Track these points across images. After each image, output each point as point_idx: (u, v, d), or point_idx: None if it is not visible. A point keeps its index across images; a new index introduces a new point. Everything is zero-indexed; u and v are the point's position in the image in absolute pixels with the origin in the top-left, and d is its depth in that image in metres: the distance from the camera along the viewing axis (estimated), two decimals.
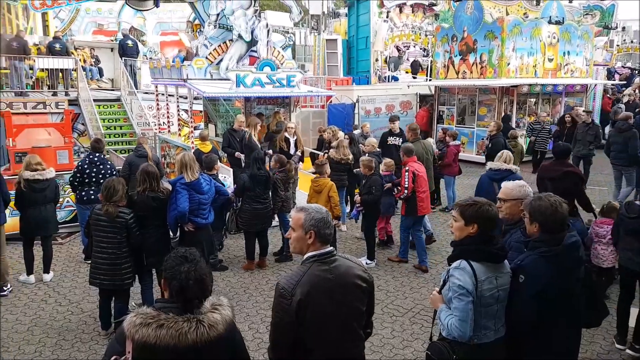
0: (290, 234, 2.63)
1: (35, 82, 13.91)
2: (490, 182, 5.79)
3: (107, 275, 4.96)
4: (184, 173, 5.64)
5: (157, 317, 2.06)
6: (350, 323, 2.58)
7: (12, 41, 12.94)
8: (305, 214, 2.57)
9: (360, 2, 22.28)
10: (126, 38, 16.74)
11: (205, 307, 2.16)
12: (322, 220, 2.55)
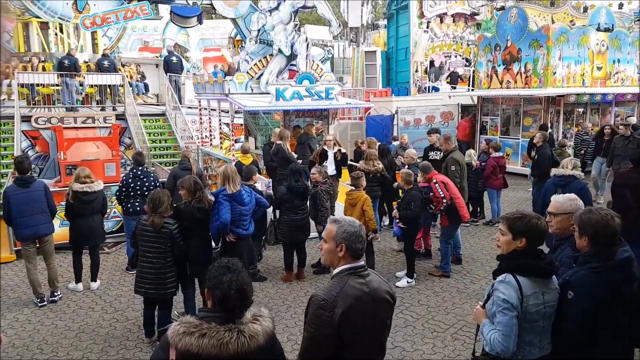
0: (322, 245, 2.63)
1: (84, 97, 14.56)
2: (555, 188, 5.66)
3: (152, 284, 5.07)
4: (226, 185, 5.74)
5: (200, 326, 2.09)
6: (379, 337, 2.59)
7: (63, 59, 13.63)
8: (337, 227, 2.57)
9: (400, 13, 22.26)
10: (171, 54, 17.32)
11: (246, 317, 2.18)
12: (353, 234, 2.53)
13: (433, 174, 6.94)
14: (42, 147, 11.38)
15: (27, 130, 11.38)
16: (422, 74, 21.29)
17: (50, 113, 12.32)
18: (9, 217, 6.16)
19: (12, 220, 6.16)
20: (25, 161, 6.35)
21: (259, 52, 10.12)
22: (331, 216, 2.62)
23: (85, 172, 6.56)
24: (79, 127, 11.33)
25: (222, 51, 22.09)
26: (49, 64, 14.64)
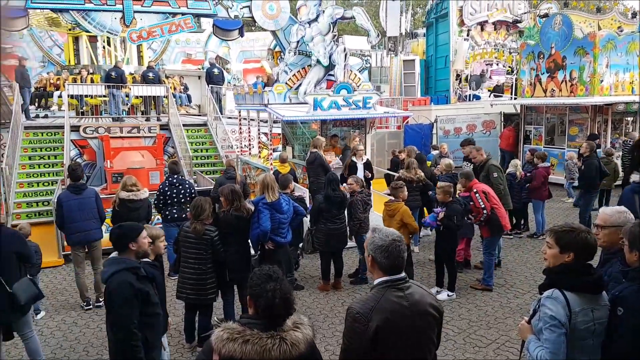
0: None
1: (130, 108, 15.10)
2: (632, 195, 5.44)
3: (193, 290, 5.17)
4: (265, 193, 5.81)
5: (243, 332, 2.11)
6: (422, 352, 2.51)
7: (111, 71, 14.19)
8: (371, 237, 2.56)
9: (439, 21, 22.08)
10: (213, 66, 17.75)
11: (287, 325, 2.20)
12: (380, 247, 2.49)
13: (474, 183, 6.81)
14: (90, 156, 11.86)
15: (76, 139, 11.88)
16: (463, 82, 20.98)
17: (98, 123, 12.84)
18: (61, 223, 6.44)
19: (64, 226, 6.42)
20: (78, 169, 6.63)
21: (298, 63, 10.24)
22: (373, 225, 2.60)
23: (131, 181, 6.78)
24: (124, 136, 11.73)
25: (262, 62, 22.47)
26: (97, 76, 15.29)
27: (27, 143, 12.11)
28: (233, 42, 20.22)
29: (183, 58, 23.71)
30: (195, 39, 23.20)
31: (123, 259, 3.52)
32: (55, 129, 12.64)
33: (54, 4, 8.74)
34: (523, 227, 9.59)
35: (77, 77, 15.09)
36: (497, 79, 21.21)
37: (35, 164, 11.77)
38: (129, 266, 3.45)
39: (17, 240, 4.66)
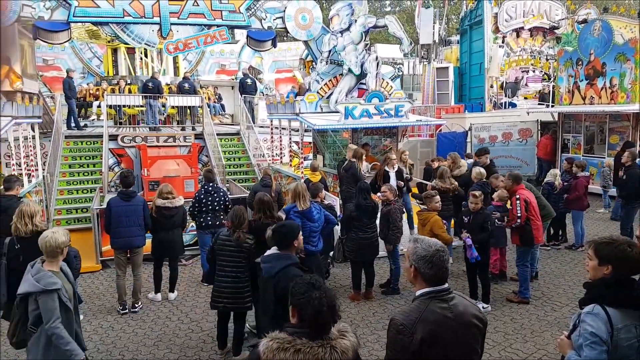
0: (404, 264, 2.59)
1: (166, 117, 15.48)
2: None
3: (229, 299, 5.19)
4: (296, 202, 5.83)
5: (293, 342, 2.12)
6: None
7: (148, 82, 14.60)
8: (413, 247, 2.52)
9: (473, 29, 21.81)
10: (246, 77, 18.04)
11: (333, 333, 2.20)
12: (424, 258, 2.45)
13: (519, 188, 6.61)
14: (127, 164, 12.19)
15: (114, 148, 12.25)
16: (498, 89, 20.61)
17: (135, 132, 13.21)
18: (108, 226, 6.68)
19: (111, 230, 6.65)
20: (130, 176, 6.90)
21: (329, 72, 10.30)
22: (413, 234, 2.58)
23: (167, 189, 6.94)
24: (161, 145, 12.02)
25: (294, 72, 22.69)
26: (135, 86, 15.76)
27: (68, 152, 12.58)
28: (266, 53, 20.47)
29: (217, 69, 24.17)
30: (229, 50, 23.63)
31: (288, 255, 3.84)
32: (94, 138, 13.09)
33: (94, 18, 9.07)
34: (561, 238, 9.29)
35: (116, 88, 15.59)
36: (534, 86, 20.73)
37: (75, 172, 12.20)
38: (294, 262, 3.79)
39: None
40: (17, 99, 8.86)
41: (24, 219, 4.53)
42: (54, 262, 3.84)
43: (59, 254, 3.84)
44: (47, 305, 3.62)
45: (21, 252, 4.48)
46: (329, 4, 32.57)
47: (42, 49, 18.35)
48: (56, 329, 3.62)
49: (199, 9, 9.36)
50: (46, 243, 3.77)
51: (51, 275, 3.72)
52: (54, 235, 3.80)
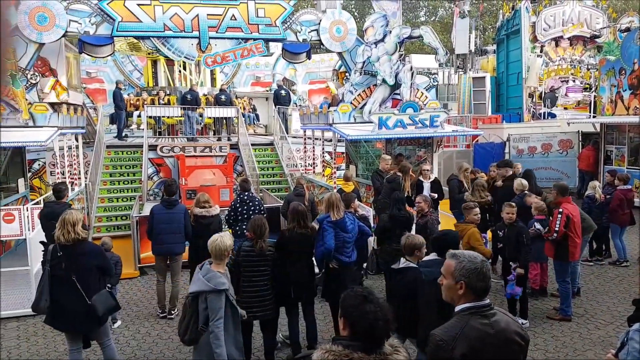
0: (441, 280, 2.53)
1: (202, 128, 15.84)
2: None
3: (257, 307, 5.22)
4: (330, 212, 5.82)
5: (350, 355, 2.10)
6: None
7: (186, 94, 15.01)
8: (456, 262, 2.46)
9: (510, 38, 21.45)
10: (280, 88, 18.28)
11: (387, 347, 2.18)
12: (474, 271, 2.40)
13: (565, 201, 6.38)
14: (165, 173, 12.52)
15: (153, 157, 12.60)
16: (537, 99, 20.14)
17: (173, 142, 13.56)
18: (150, 232, 6.86)
19: (153, 236, 6.84)
20: (173, 185, 7.10)
21: (363, 82, 10.32)
22: (450, 250, 2.52)
23: (204, 197, 7.07)
24: (198, 155, 12.29)
25: (328, 83, 22.81)
26: (173, 97, 16.23)
27: (109, 161, 13.01)
28: (299, 64, 20.70)
29: (252, 81, 24.57)
30: (264, 62, 24.00)
31: None
32: (134, 148, 13.50)
33: (136, 32, 9.41)
34: (605, 254, 8.94)
35: (155, 98, 16.08)
36: (575, 96, 20.15)
37: (115, 181, 12.60)
38: None
39: (98, 254, 4.94)
40: (62, 110, 9.24)
41: (67, 227, 4.64)
42: (221, 264, 4.14)
43: (225, 256, 4.16)
44: (214, 304, 3.90)
45: (63, 259, 4.60)
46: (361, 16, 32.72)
47: (86, 62, 19.08)
48: (216, 328, 3.87)
49: (236, 23, 9.57)
50: (215, 246, 4.12)
51: (220, 276, 4.01)
52: (221, 239, 4.17)
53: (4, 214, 8.26)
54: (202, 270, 4.05)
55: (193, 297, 4.02)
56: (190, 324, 4.03)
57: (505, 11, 22.58)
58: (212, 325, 3.89)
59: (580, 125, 15.72)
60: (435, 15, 42.22)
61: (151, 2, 9.10)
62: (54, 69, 10.33)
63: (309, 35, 10.15)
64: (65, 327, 4.82)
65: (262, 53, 10.60)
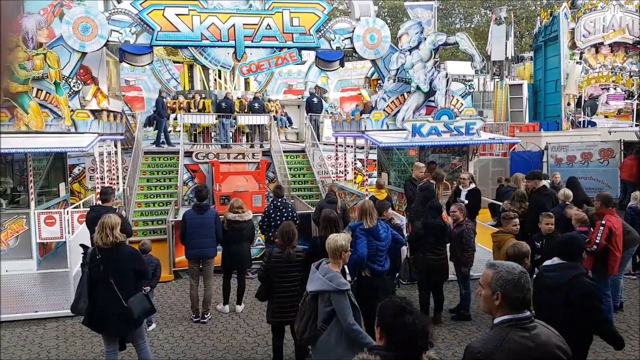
0: (480, 291, 2.47)
1: (236, 134, 16.09)
2: None
3: (290, 312, 5.21)
4: (363, 219, 5.79)
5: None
6: None
7: (221, 102, 15.30)
8: (493, 272, 2.39)
9: (548, 45, 20.97)
10: (312, 96, 18.40)
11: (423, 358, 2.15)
12: (511, 281, 2.32)
13: (608, 213, 6.17)
14: (200, 179, 12.74)
15: (188, 164, 12.86)
16: (576, 107, 19.58)
17: (208, 149, 13.80)
18: (183, 237, 7.01)
19: (185, 241, 6.98)
20: (204, 190, 7.26)
21: (397, 89, 10.25)
22: (490, 260, 2.47)
23: (238, 203, 7.17)
24: (231, 162, 12.46)
25: (360, 90, 22.81)
26: (208, 100, 16.61)
27: (146, 167, 13.34)
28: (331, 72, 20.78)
29: (285, 89, 24.81)
30: (296, 70, 24.20)
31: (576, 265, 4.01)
32: (170, 154, 13.81)
33: (175, 42, 9.64)
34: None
35: (191, 101, 16.44)
36: (616, 104, 19.48)
37: (152, 186, 12.90)
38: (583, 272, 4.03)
39: (136, 257, 5.04)
40: (103, 117, 9.53)
41: (105, 231, 4.74)
42: (337, 264, 4.18)
43: (339, 256, 4.20)
44: (342, 304, 3.89)
45: (102, 262, 4.70)
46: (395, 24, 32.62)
47: (125, 70, 19.69)
48: (354, 326, 3.87)
49: (271, 32, 9.69)
50: (330, 245, 4.20)
51: (341, 276, 4.05)
52: (335, 239, 4.24)
53: (46, 217, 8.57)
54: (321, 270, 4.06)
55: (312, 296, 4.04)
56: (309, 323, 4.06)
57: (543, 17, 22.12)
58: (349, 325, 3.84)
59: (622, 133, 15.17)
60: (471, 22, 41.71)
61: (189, 12, 9.32)
62: (96, 77, 10.68)
63: (342, 43, 10.17)
64: (102, 329, 4.92)
65: (296, 61, 10.68)
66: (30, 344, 6.25)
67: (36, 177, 9.07)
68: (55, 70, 8.53)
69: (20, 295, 7.59)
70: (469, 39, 10.07)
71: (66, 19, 9.01)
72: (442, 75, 9.79)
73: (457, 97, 10.34)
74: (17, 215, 8.61)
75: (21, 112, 8.37)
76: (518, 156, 14.59)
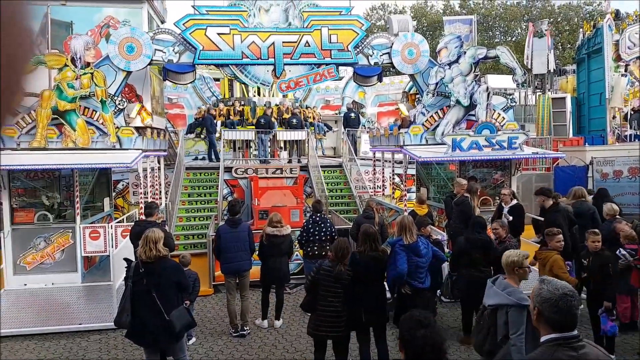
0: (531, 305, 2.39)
1: (273, 150, 16.29)
2: None
3: (330, 326, 5.20)
4: (402, 235, 5.71)
5: None
6: None
7: (260, 118, 15.54)
8: (538, 287, 2.35)
9: (592, 57, 20.35)
10: (350, 111, 18.47)
11: None
12: (549, 300, 2.24)
13: None
14: (239, 194, 12.93)
15: (228, 179, 13.08)
16: (622, 120, 18.83)
17: (247, 165, 14.01)
18: (218, 252, 7.10)
19: (221, 255, 7.07)
20: (237, 205, 7.40)
21: (436, 104, 10.14)
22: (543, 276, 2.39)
23: (277, 218, 7.23)
24: (269, 177, 12.60)
25: (398, 105, 22.73)
26: (247, 107, 16.96)
27: (187, 182, 13.65)
28: (368, 87, 20.80)
29: (322, 104, 25.00)
30: (333, 86, 24.36)
31: None
32: (211, 169, 14.10)
33: (217, 60, 9.89)
34: None
35: (230, 108, 16.76)
36: None
37: (193, 201, 13.17)
38: None
39: (178, 271, 5.13)
40: (147, 133, 9.82)
41: (149, 245, 4.84)
42: (512, 278, 4.21)
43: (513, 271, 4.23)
44: (516, 318, 3.95)
45: (145, 275, 4.80)
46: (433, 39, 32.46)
47: (167, 88, 20.34)
48: (519, 342, 3.90)
49: (310, 49, 9.80)
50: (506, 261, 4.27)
51: (521, 292, 4.10)
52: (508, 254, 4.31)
53: (91, 231, 8.83)
54: (499, 284, 4.11)
55: (492, 310, 4.09)
56: (489, 337, 4.10)
57: (585, 30, 21.51)
58: (514, 339, 3.88)
59: None
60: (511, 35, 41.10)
61: (230, 32, 9.55)
62: (140, 95, 11.05)
63: (380, 58, 10.16)
64: (145, 342, 5.00)
65: (334, 78, 10.74)
66: (74, 356, 6.43)
67: (82, 192, 9.36)
68: (101, 88, 8.83)
69: (66, 308, 7.80)
70: (509, 52, 9.89)
71: (112, 39, 9.34)
72: (483, 89, 9.62)
73: (499, 110, 10.13)
74: (63, 229, 8.89)
75: (69, 129, 8.66)
76: (562, 171, 14.12)
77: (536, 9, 40.35)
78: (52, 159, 8.24)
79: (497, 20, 40.75)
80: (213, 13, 9.59)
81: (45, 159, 8.23)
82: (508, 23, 40.16)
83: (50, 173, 8.86)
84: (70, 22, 10.85)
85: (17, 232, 8.65)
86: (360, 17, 10.27)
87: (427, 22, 40.82)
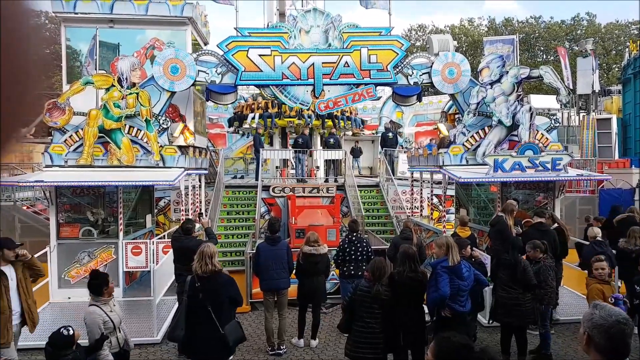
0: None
1: (310, 169, 16.41)
2: None
3: (367, 348, 5.13)
4: (448, 255, 5.60)
5: None
6: None
7: (298, 138, 15.72)
8: (590, 313, 2.25)
9: (638, 77, 19.68)
10: (387, 131, 18.44)
11: None
12: (601, 327, 2.15)
13: None
14: (276, 212, 13.03)
15: (266, 197, 13.22)
16: None
17: (284, 183, 14.15)
18: (257, 269, 7.16)
19: (260, 273, 7.13)
20: (276, 223, 7.44)
21: (477, 124, 10.00)
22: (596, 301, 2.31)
23: (314, 237, 7.24)
24: (306, 196, 12.67)
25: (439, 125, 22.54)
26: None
27: (227, 200, 13.89)
28: (407, 107, 20.76)
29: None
30: (371, 105, 24.42)
31: None
32: (249, 188, 14.31)
33: (258, 81, 10.10)
34: None
35: (269, 102, 16.81)
36: None
37: (232, 219, 13.37)
38: None
39: (232, 285, 5.13)
40: (189, 152, 10.08)
41: (205, 259, 4.92)
42: None
43: None
44: None
45: (200, 290, 4.86)
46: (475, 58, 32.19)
47: (209, 109, 20.87)
48: None
49: (349, 70, 9.88)
50: None
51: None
52: None
53: (133, 247, 9.07)
54: None
55: None
56: None
57: (632, 49, 20.88)
58: None
59: None
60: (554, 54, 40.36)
61: (271, 53, 9.76)
62: (183, 115, 11.38)
63: (420, 78, 10.13)
64: (199, 356, 5.00)
65: (373, 97, 10.78)
66: None
67: (125, 209, 9.64)
68: (146, 108, 9.14)
69: None
70: (553, 72, 9.69)
71: (157, 60, 9.68)
72: (526, 109, 9.44)
73: (542, 131, 9.89)
74: (106, 245, 9.16)
75: (114, 147, 8.98)
76: (607, 194, 13.60)
77: (581, 28, 39.49)
78: (98, 176, 8.54)
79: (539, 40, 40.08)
80: (255, 35, 9.82)
81: (90, 176, 8.54)
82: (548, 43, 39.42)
83: (96, 190, 9.17)
84: (117, 44, 11.31)
85: (62, 247, 8.97)
86: (400, 38, 10.30)
87: (468, 42, 40.56)
